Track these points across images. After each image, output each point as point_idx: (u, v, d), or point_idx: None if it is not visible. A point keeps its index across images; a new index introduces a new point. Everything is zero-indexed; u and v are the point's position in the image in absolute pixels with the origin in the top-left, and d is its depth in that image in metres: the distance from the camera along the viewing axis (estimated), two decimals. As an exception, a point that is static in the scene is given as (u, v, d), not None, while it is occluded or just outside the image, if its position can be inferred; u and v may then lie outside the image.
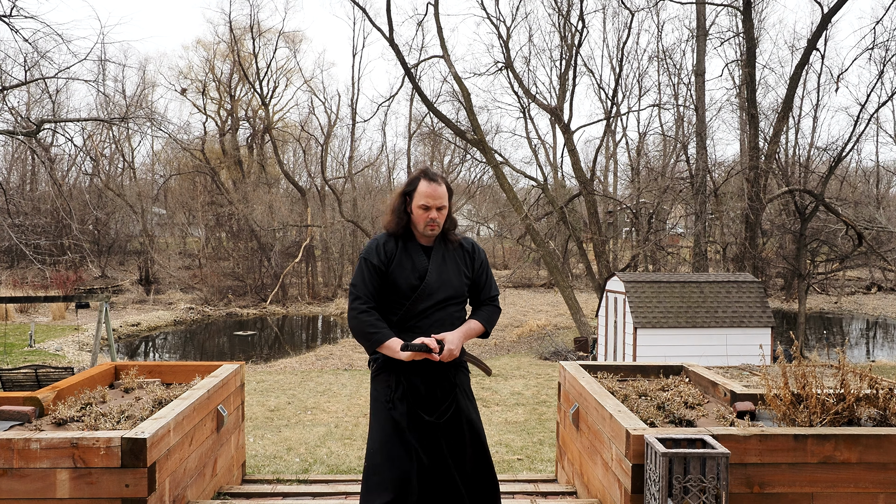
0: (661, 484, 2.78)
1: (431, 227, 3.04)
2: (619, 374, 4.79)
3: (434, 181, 3.04)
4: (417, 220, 3.06)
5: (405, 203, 3.10)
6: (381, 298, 3.08)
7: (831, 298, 30.53)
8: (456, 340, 2.98)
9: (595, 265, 22.11)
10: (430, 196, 3.01)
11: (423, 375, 3.01)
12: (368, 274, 3.04)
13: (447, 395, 3.04)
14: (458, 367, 3.11)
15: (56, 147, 32.75)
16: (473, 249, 3.21)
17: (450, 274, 3.09)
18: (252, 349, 20.57)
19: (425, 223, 3.04)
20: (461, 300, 3.14)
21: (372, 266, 3.04)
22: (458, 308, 3.14)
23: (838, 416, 3.32)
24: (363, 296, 3.03)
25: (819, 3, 18.88)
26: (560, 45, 23.19)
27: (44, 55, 14.44)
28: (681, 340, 13.23)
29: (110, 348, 13.12)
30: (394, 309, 3.08)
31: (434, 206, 3.02)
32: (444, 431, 3.01)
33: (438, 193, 3.02)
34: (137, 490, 2.98)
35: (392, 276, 3.04)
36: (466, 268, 3.16)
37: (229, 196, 32.82)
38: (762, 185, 19.78)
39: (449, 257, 3.12)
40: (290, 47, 42.29)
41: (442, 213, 3.06)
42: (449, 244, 3.15)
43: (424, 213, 3.03)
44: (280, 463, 6.42)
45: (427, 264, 3.07)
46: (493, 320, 3.21)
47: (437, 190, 3.03)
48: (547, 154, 31.83)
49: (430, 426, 2.99)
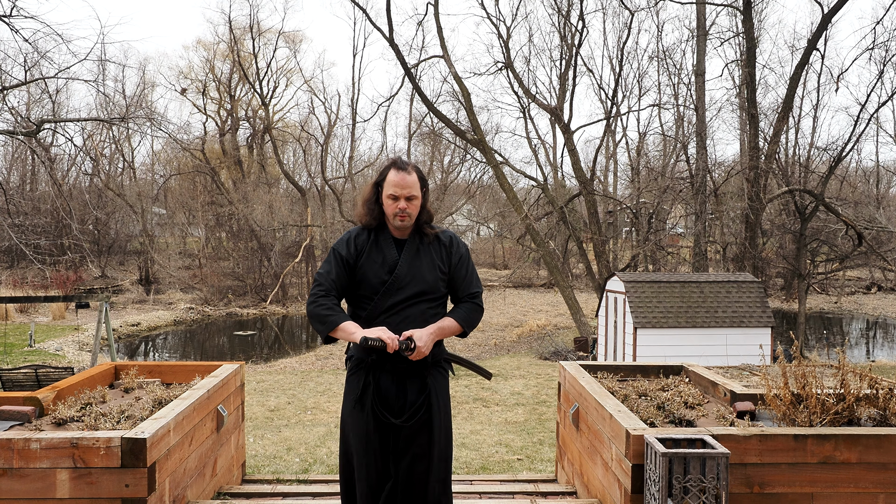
0: (661, 484, 2.78)
1: (401, 217, 2.91)
2: (619, 374, 4.79)
3: (403, 170, 2.92)
4: (387, 210, 2.95)
5: (377, 194, 2.99)
6: (347, 291, 2.98)
7: (831, 298, 30.54)
8: (426, 338, 2.83)
9: (595, 265, 22.11)
10: (398, 185, 2.89)
11: (395, 374, 2.89)
12: (335, 264, 2.94)
13: (419, 397, 2.90)
14: (435, 367, 2.97)
15: (56, 147, 32.77)
16: (451, 243, 3.06)
17: (423, 268, 2.94)
18: (252, 349, 20.57)
19: (394, 213, 2.92)
20: (436, 297, 2.98)
21: (340, 257, 2.95)
22: (433, 305, 2.97)
23: (838, 416, 3.32)
24: (324, 283, 2.93)
25: (819, 3, 18.88)
26: (560, 44, 23.21)
27: (44, 55, 14.45)
28: (681, 340, 13.23)
29: (110, 348, 13.12)
30: (362, 304, 2.96)
31: (402, 195, 2.89)
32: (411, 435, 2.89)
33: (407, 182, 2.90)
34: (137, 490, 2.98)
35: (361, 269, 2.93)
36: (442, 262, 3.00)
37: (229, 196, 32.83)
38: (762, 185, 19.78)
39: (423, 251, 2.99)
40: (290, 47, 42.33)
41: (413, 204, 2.93)
42: (424, 237, 3.02)
43: (393, 204, 2.91)
44: (280, 463, 6.42)
45: (398, 258, 2.94)
46: (471, 319, 3.03)
47: (406, 179, 2.90)
48: (547, 154, 31.85)
49: (397, 429, 2.89)
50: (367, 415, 2.87)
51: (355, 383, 2.94)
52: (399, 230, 2.99)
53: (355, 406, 2.90)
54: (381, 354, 2.87)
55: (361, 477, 2.88)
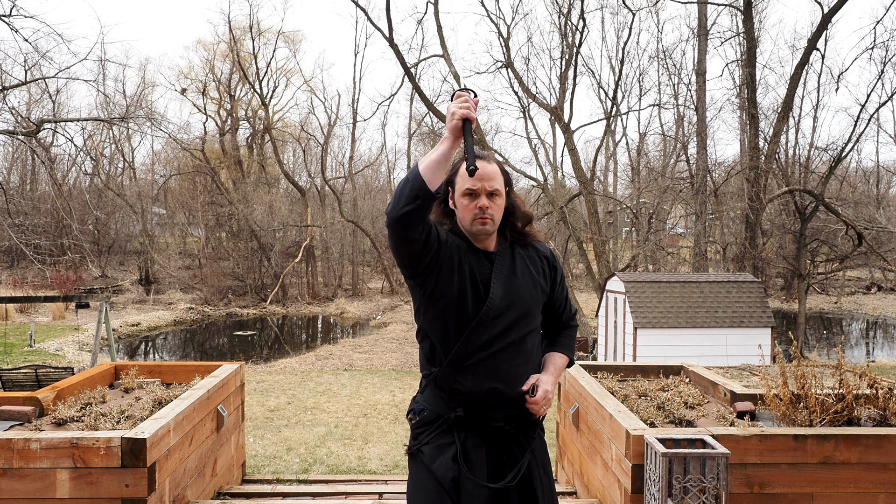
0: (660, 484, 2.78)
1: (482, 220, 2.15)
2: (619, 374, 4.79)
3: (482, 158, 2.17)
4: (463, 214, 2.19)
5: (446, 195, 2.26)
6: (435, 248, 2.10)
7: (831, 298, 30.54)
8: (551, 384, 2.20)
9: (595, 265, 22.11)
10: (476, 177, 2.14)
11: (486, 436, 2.17)
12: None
13: (515, 462, 2.18)
14: (536, 426, 2.26)
15: (56, 147, 32.76)
16: (553, 256, 2.36)
17: (521, 287, 2.21)
18: (252, 349, 20.57)
19: (473, 215, 2.16)
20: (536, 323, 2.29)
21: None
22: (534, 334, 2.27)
23: (838, 416, 3.32)
24: None
25: (819, 2, 18.88)
26: (560, 44, 23.21)
27: (44, 55, 14.46)
28: (681, 340, 13.23)
29: (110, 348, 13.12)
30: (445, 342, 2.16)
31: (484, 190, 2.16)
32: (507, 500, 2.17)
33: (488, 173, 2.15)
34: (137, 490, 2.98)
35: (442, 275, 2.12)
36: (545, 279, 2.29)
37: (229, 196, 32.83)
38: (762, 185, 19.78)
39: (520, 264, 2.26)
40: (289, 47, 42.36)
41: (496, 203, 2.18)
42: (517, 247, 2.28)
43: (471, 203, 2.17)
44: (280, 463, 6.42)
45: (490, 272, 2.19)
46: (574, 348, 2.43)
47: (487, 168, 2.15)
48: (547, 154, 31.81)
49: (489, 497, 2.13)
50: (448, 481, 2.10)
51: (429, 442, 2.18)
52: (480, 239, 2.22)
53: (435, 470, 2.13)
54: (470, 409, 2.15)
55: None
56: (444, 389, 2.17)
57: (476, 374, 2.13)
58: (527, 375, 2.19)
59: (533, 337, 2.25)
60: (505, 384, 2.14)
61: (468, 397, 2.14)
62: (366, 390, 11.48)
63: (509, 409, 2.17)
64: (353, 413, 9.63)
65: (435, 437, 2.17)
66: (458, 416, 2.15)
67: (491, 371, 2.13)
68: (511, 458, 2.18)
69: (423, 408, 2.22)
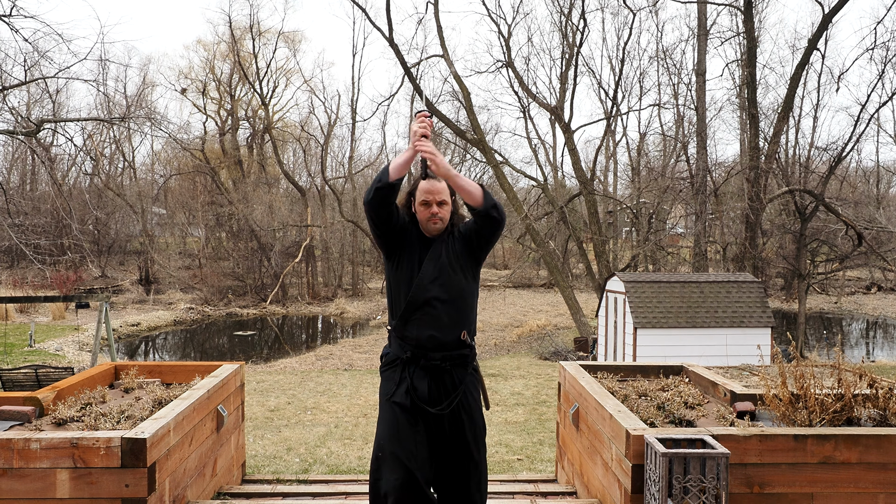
0: (661, 484, 2.78)
1: (434, 221, 3.05)
2: (619, 374, 4.79)
3: (432, 178, 3.09)
4: (421, 217, 3.10)
5: (410, 203, 3.15)
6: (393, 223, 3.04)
7: (831, 298, 30.53)
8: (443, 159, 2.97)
9: (595, 265, 22.10)
10: (428, 192, 3.05)
11: (430, 371, 3.00)
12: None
13: (450, 392, 3.02)
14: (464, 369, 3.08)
15: (56, 147, 32.77)
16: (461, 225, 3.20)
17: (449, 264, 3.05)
18: (252, 349, 20.57)
19: (427, 218, 3.06)
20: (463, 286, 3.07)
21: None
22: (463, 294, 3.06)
23: (837, 416, 3.32)
24: None
25: (820, 2, 18.87)
26: (561, 44, 23.21)
27: (44, 55, 14.45)
28: (681, 340, 13.23)
29: (110, 348, 13.12)
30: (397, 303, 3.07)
31: (434, 200, 3.05)
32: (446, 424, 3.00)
33: (438, 189, 3.06)
34: (137, 490, 2.98)
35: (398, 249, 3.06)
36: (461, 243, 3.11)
37: (229, 196, 32.83)
38: (762, 185, 19.78)
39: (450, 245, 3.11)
40: (289, 47, 42.35)
41: (444, 209, 3.07)
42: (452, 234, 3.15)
43: (426, 210, 3.07)
44: (280, 463, 6.42)
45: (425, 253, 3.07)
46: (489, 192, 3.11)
47: (437, 185, 3.06)
48: (547, 154, 31.84)
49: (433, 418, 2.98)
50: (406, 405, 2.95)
51: (390, 379, 3.06)
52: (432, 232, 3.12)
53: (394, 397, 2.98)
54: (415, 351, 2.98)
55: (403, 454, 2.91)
56: (399, 337, 3.05)
57: (419, 325, 2.99)
58: (459, 327, 3.02)
59: (463, 298, 3.04)
60: (440, 332, 2.98)
61: (413, 342, 3.00)
62: (366, 390, 11.48)
63: (444, 350, 2.99)
64: (353, 413, 9.63)
65: (393, 375, 3.04)
66: (407, 356, 3.01)
67: (429, 322, 2.98)
68: (446, 389, 3.00)
69: (388, 352, 3.13)
